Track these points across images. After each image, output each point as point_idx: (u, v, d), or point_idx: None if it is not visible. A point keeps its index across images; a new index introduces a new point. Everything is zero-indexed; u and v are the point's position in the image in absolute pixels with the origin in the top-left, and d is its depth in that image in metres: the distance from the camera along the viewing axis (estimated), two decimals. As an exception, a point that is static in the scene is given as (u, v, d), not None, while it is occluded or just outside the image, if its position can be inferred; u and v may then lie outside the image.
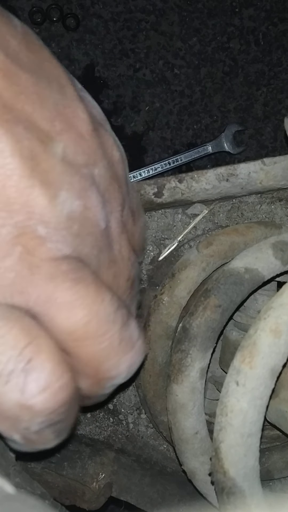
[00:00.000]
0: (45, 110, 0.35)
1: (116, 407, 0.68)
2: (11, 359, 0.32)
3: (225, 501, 0.45)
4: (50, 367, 0.33)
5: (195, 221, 0.66)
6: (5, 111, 0.33)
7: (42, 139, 0.34)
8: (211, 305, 0.53)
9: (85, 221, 0.36)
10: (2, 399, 0.33)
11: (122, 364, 0.37)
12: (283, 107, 1.33)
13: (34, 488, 0.48)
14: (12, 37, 0.35)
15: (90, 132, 0.37)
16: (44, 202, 0.33)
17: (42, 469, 0.65)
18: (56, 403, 0.34)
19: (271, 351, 0.44)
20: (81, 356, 0.36)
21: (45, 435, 0.35)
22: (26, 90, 0.34)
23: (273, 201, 0.66)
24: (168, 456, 0.67)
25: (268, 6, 1.32)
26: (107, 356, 0.36)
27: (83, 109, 0.38)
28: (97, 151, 0.38)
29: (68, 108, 0.37)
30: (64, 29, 1.27)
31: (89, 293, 0.35)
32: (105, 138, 0.40)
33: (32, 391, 0.33)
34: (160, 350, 0.60)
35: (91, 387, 0.38)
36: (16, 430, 0.34)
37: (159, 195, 0.63)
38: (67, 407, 0.35)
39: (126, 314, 0.37)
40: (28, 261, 0.33)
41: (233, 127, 1.30)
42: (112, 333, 0.36)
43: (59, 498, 0.65)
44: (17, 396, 0.33)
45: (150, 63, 1.30)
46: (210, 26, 1.31)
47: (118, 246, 0.41)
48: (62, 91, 0.37)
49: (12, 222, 0.33)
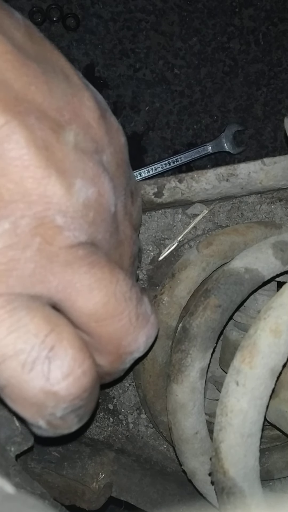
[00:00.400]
0: (54, 100, 0.35)
1: (116, 407, 0.68)
2: (34, 347, 0.33)
3: (225, 501, 0.45)
4: (72, 354, 0.34)
5: (195, 221, 0.66)
6: (17, 102, 0.33)
7: (54, 128, 0.34)
8: (211, 305, 0.53)
9: (99, 208, 0.36)
10: (28, 386, 0.33)
11: (140, 338, 0.39)
12: (283, 107, 1.33)
13: (34, 488, 0.48)
14: (16, 29, 0.36)
15: (97, 119, 0.38)
16: (61, 191, 0.34)
17: (42, 469, 0.65)
18: (79, 388, 0.35)
19: (271, 351, 0.44)
20: (103, 335, 0.37)
21: (69, 419, 0.36)
22: (36, 80, 0.34)
23: (273, 201, 0.66)
24: (168, 456, 0.67)
25: (268, 6, 1.32)
26: (126, 331, 0.38)
27: (89, 96, 0.38)
28: (104, 137, 0.39)
29: (75, 96, 0.37)
30: (64, 29, 1.27)
31: (104, 274, 0.36)
32: (110, 124, 0.40)
33: (56, 377, 0.34)
34: (160, 350, 0.60)
35: (113, 364, 0.39)
36: (41, 416, 0.35)
37: (159, 195, 0.63)
38: (89, 392, 0.35)
39: (139, 291, 0.39)
40: (47, 250, 0.34)
41: (233, 127, 1.30)
42: (129, 310, 0.37)
43: (59, 498, 0.65)
44: (42, 382, 0.33)
45: (150, 63, 1.30)
46: (210, 26, 1.31)
47: (123, 227, 0.42)
48: (68, 80, 0.37)
49: (30, 213, 0.33)
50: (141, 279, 0.66)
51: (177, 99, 1.31)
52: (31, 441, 0.49)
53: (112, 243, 0.40)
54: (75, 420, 0.37)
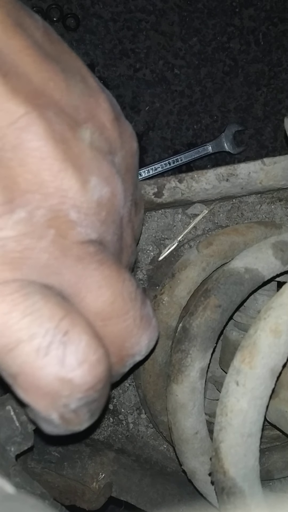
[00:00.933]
0: (71, 98, 0.36)
1: (116, 407, 0.68)
2: (48, 331, 0.33)
3: (225, 501, 0.45)
4: (86, 340, 0.34)
5: (195, 221, 0.66)
6: (36, 95, 0.33)
7: (71, 124, 0.35)
8: (211, 305, 0.53)
9: (111, 208, 0.37)
10: (42, 373, 0.33)
11: (143, 341, 0.39)
12: (283, 107, 1.33)
13: (34, 488, 0.48)
14: (36, 28, 0.37)
15: (111, 121, 0.38)
16: (76, 186, 0.34)
17: (42, 469, 0.65)
18: (94, 377, 0.34)
19: (271, 351, 0.44)
20: (107, 335, 0.37)
21: (82, 414, 0.36)
22: (55, 77, 0.35)
23: (273, 201, 0.66)
24: (168, 456, 0.67)
25: (268, 6, 1.32)
26: (130, 332, 0.38)
27: (105, 99, 0.38)
28: (117, 140, 0.39)
29: (92, 97, 0.37)
30: (64, 29, 1.27)
31: (112, 273, 0.36)
32: (124, 128, 0.40)
33: (71, 363, 0.33)
34: (160, 350, 0.60)
35: (114, 366, 0.39)
36: (55, 408, 0.35)
37: (159, 195, 0.63)
38: (103, 383, 0.35)
39: (143, 293, 0.39)
40: (61, 243, 0.34)
41: (233, 127, 1.30)
42: (134, 311, 0.37)
43: (59, 498, 0.65)
44: (57, 369, 0.33)
45: (150, 63, 1.30)
46: (210, 26, 1.31)
47: (125, 234, 0.42)
48: (85, 81, 0.38)
49: (46, 205, 0.33)
50: (141, 279, 0.66)
51: (177, 99, 1.31)
52: (31, 441, 0.49)
53: (117, 248, 0.40)
54: (87, 415, 0.36)
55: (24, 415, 0.49)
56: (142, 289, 0.40)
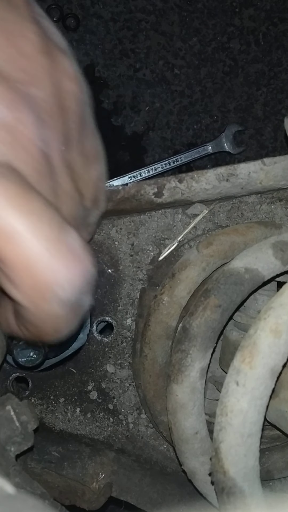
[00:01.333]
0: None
1: (116, 407, 0.68)
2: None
3: (225, 501, 0.45)
4: None
5: (195, 221, 0.66)
6: None
7: None
8: (211, 305, 0.53)
9: (15, 132, 0.36)
10: None
11: (61, 271, 0.35)
12: (283, 107, 1.33)
13: (34, 488, 0.48)
14: None
15: (36, 53, 0.38)
16: None
17: (42, 469, 0.65)
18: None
19: (271, 351, 0.44)
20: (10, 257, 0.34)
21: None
22: None
23: (273, 201, 0.66)
24: (168, 456, 0.67)
25: (268, 6, 1.32)
26: (40, 258, 0.34)
27: (33, 30, 0.38)
28: (40, 73, 0.38)
29: (15, 25, 0.37)
30: (64, 29, 1.27)
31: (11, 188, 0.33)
32: (60, 66, 0.39)
33: None
34: (160, 350, 0.60)
35: (32, 299, 0.35)
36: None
37: (159, 195, 0.63)
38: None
39: (63, 223, 0.35)
40: None
41: (233, 127, 1.30)
42: (42, 234, 0.34)
43: (59, 498, 0.65)
44: None
45: (150, 63, 1.30)
46: (210, 26, 1.31)
47: (61, 180, 0.40)
48: (14, 10, 0.37)
49: None
50: (141, 279, 0.66)
51: (177, 99, 1.31)
52: (31, 441, 0.49)
53: (46, 187, 0.38)
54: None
55: (24, 415, 0.49)
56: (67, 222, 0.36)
